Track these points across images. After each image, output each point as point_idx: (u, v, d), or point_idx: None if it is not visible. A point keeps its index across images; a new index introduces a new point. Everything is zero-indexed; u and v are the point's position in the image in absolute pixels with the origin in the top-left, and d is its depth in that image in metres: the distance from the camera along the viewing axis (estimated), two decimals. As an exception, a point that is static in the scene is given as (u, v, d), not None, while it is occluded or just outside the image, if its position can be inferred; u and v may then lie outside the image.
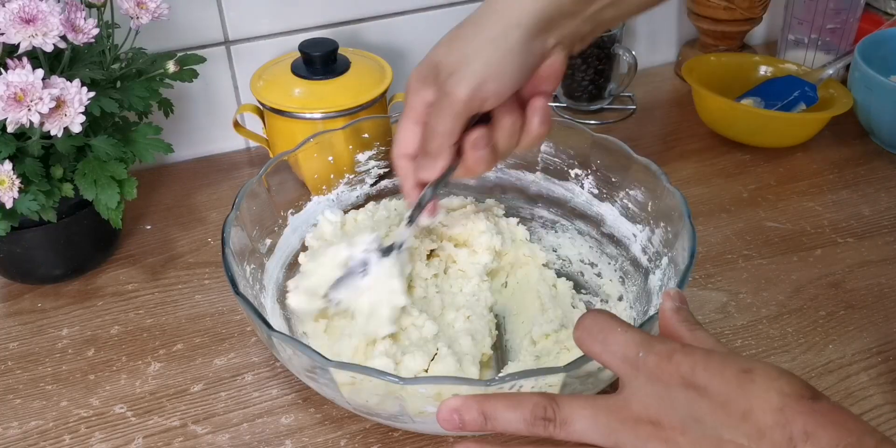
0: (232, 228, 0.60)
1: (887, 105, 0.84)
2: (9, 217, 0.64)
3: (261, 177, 0.65)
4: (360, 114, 0.78)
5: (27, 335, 0.69)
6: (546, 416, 0.42)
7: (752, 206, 0.82)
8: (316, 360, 0.50)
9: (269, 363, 0.66)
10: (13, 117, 0.59)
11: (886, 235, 0.78)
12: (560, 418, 0.41)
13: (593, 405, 0.41)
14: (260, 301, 0.62)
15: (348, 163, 0.72)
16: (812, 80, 0.90)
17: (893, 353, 0.66)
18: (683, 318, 0.45)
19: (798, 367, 0.65)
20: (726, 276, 0.73)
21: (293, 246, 0.69)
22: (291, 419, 0.62)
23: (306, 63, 0.80)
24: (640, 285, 0.66)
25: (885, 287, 0.72)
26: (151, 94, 0.71)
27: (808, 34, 0.97)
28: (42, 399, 0.64)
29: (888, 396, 0.62)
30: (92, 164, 0.67)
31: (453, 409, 0.43)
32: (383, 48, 0.90)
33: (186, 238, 0.80)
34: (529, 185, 0.74)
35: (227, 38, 0.86)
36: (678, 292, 0.47)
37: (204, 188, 0.87)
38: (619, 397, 0.41)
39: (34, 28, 0.61)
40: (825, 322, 0.69)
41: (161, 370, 0.66)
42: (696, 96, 0.91)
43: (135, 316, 0.71)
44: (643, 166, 0.66)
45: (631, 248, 0.68)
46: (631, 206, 0.68)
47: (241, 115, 0.88)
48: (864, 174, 0.86)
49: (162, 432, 0.61)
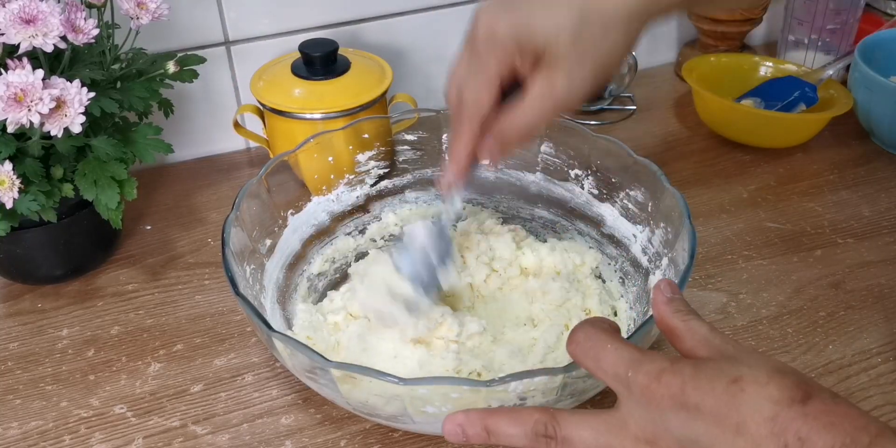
0: (232, 229, 0.60)
1: (887, 106, 0.84)
2: (9, 217, 0.64)
3: (261, 177, 0.65)
4: (360, 114, 0.78)
5: (27, 335, 0.69)
6: (547, 434, 0.43)
7: (753, 207, 0.82)
8: (315, 360, 0.50)
9: (269, 363, 0.66)
10: (13, 118, 0.59)
11: (886, 236, 0.78)
12: (561, 436, 0.42)
13: (593, 424, 0.42)
14: (260, 301, 0.62)
15: (348, 163, 0.72)
16: (812, 80, 0.90)
17: (893, 353, 0.66)
18: (676, 308, 0.45)
19: (798, 367, 0.64)
20: (726, 276, 0.73)
21: (293, 246, 0.69)
22: (291, 420, 0.62)
23: (306, 63, 0.80)
24: (641, 286, 0.66)
25: (886, 288, 0.72)
26: (151, 94, 0.71)
27: (808, 35, 0.97)
28: (42, 399, 0.64)
29: (888, 397, 0.62)
30: (92, 164, 0.67)
31: (458, 423, 0.45)
32: (383, 48, 0.90)
33: (186, 238, 0.80)
34: (529, 185, 0.74)
35: (227, 38, 0.86)
36: (669, 282, 0.47)
37: (204, 188, 0.87)
38: (617, 415, 0.42)
39: (34, 28, 0.61)
40: (825, 323, 0.69)
41: (161, 370, 0.66)
42: (696, 97, 0.91)
43: (135, 316, 0.71)
44: (643, 167, 0.66)
45: (631, 249, 0.68)
46: (631, 207, 0.68)
47: (242, 116, 0.88)
48: (865, 175, 0.86)
49: (162, 433, 0.61)
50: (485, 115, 0.51)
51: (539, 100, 0.49)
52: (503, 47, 0.48)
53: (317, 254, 0.72)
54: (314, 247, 0.71)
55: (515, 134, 0.51)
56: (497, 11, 0.49)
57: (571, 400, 0.53)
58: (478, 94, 0.50)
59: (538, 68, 0.49)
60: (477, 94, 0.50)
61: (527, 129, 0.51)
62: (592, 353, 0.43)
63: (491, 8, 0.49)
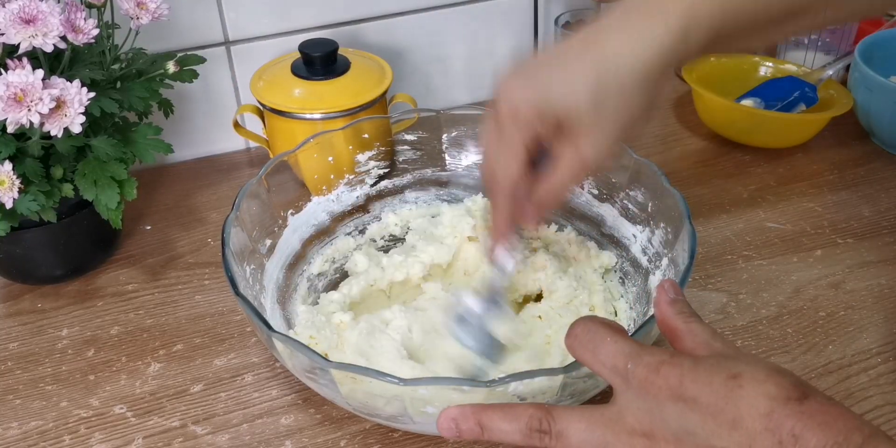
0: (232, 229, 0.60)
1: (887, 106, 0.84)
2: (9, 217, 0.64)
3: (261, 177, 0.66)
4: (360, 114, 0.78)
5: (27, 335, 0.69)
6: (541, 429, 0.43)
7: (752, 207, 0.82)
8: (315, 360, 0.50)
9: (269, 364, 0.66)
10: (13, 118, 0.59)
11: (886, 236, 0.78)
12: (555, 431, 0.42)
13: (588, 418, 0.42)
14: (260, 301, 0.62)
15: (348, 163, 0.72)
16: (812, 80, 0.90)
17: (893, 354, 0.66)
18: (678, 310, 0.45)
19: (798, 367, 0.65)
20: (726, 276, 0.73)
21: (293, 246, 0.69)
22: (291, 420, 0.62)
23: (306, 63, 0.80)
24: (641, 286, 0.66)
25: (885, 288, 0.72)
26: (151, 94, 0.71)
27: (807, 35, 0.97)
28: (42, 399, 0.64)
29: (888, 397, 0.62)
30: (92, 164, 0.67)
31: (451, 417, 0.45)
32: (383, 48, 0.90)
33: (186, 238, 0.80)
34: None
35: (227, 38, 0.86)
36: (672, 283, 0.47)
37: (204, 189, 0.87)
38: (612, 409, 0.42)
39: (34, 28, 0.61)
40: (825, 323, 0.69)
41: (161, 371, 0.66)
42: (696, 97, 0.91)
43: (135, 316, 0.71)
44: (643, 166, 0.66)
45: (631, 249, 0.68)
46: (631, 207, 0.68)
47: (241, 116, 0.88)
48: (865, 175, 0.86)
49: (162, 433, 0.61)
50: (516, 186, 0.53)
51: (569, 167, 0.52)
52: (526, 121, 0.50)
53: (317, 254, 0.72)
54: (314, 247, 0.72)
55: (552, 200, 0.54)
56: (517, 85, 0.51)
57: (571, 400, 0.53)
58: (507, 168, 0.53)
59: (563, 136, 0.51)
60: (508, 169, 0.52)
61: (562, 193, 0.54)
62: (591, 346, 0.43)
63: (511, 82, 0.51)
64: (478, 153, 0.52)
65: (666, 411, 0.40)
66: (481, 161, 0.55)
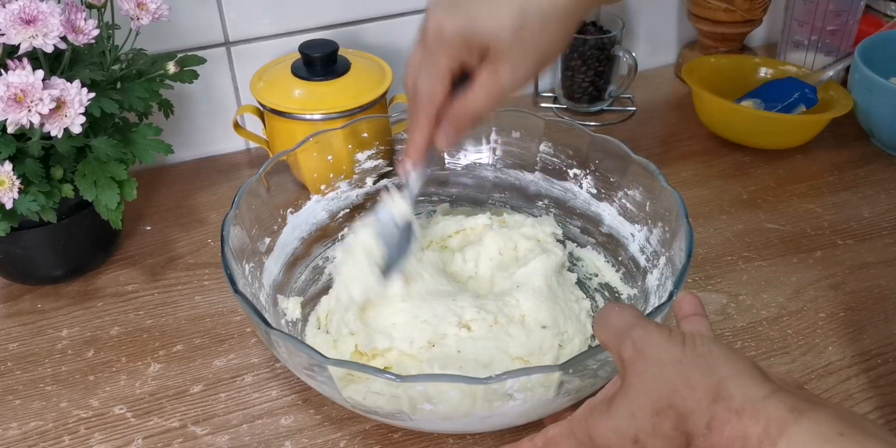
0: (231, 227, 0.60)
1: (887, 107, 0.84)
2: (9, 217, 0.64)
3: (260, 176, 0.66)
4: (360, 115, 0.78)
5: (27, 336, 0.70)
6: None
7: (752, 208, 0.82)
8: (314, 357, 0.50)
9: (269, 364, 0.66)
10: (13, 118, 0.59)
11: (886, 237, 0.78)
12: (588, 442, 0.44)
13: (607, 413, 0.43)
14: (259, 299, 0.62)
15: (348, 162, 0.72)
16: (812, 81, 0.90)
17: (893, 354, 0.65)
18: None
19: (798, 368, 0.64)
20: (726, 277, 0.73)
21: (292, 245, 0.69)
22: (291, 420, 0.62)
23: (306, 64, 0.80)
24: (639, 285, 0.66)
25: (885, 289, 0.72)
26: (151, 94, 0.71)
27: (808, 36, 0.97)
28: (42, 400, 0.64)
29: (888, 398, 0.62)
30: (92, 164, 0.67)
31: None
32: (383, 49, 0.90)
33: (186, 239, 0.80)
34: (528, 184, 0.74)
35: (227, 39, 0.86)
36: (692, 298, 0.50)
37: (204, 189, 0.87)
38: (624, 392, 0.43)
39: (34, 29, 0.61)
40: (825, 324, 0.69)
41: (161, 371, 0.66)
42: (696, 98, 0.91)
43: (134, 317, 0.71)
44: (641, 166, 0.66)
45: (629, 248, 0.68)
46: (629, 206, 0.68)
47: (242, 116, 0.88)
48: (864, 176, 0.86)
49: (161, 433, 0.61)
50: (439, 105, 0.56)
51: (486, 88, 0.54)
52: (451, 45, 0.53)
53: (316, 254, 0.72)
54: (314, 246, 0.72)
55: (466, 119, 0.56)
56: (444, 11, 0.53)
57: (568, 398, 0.53)
58: (431, 87, 0.55)
59: (485, 61, 0.54)
60: (431, 87, 0.55)
61: (476, 114, 0.56)
62: None
63: (439, 8, 0.54)
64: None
65: None
66: (405, 79, 0.58)
